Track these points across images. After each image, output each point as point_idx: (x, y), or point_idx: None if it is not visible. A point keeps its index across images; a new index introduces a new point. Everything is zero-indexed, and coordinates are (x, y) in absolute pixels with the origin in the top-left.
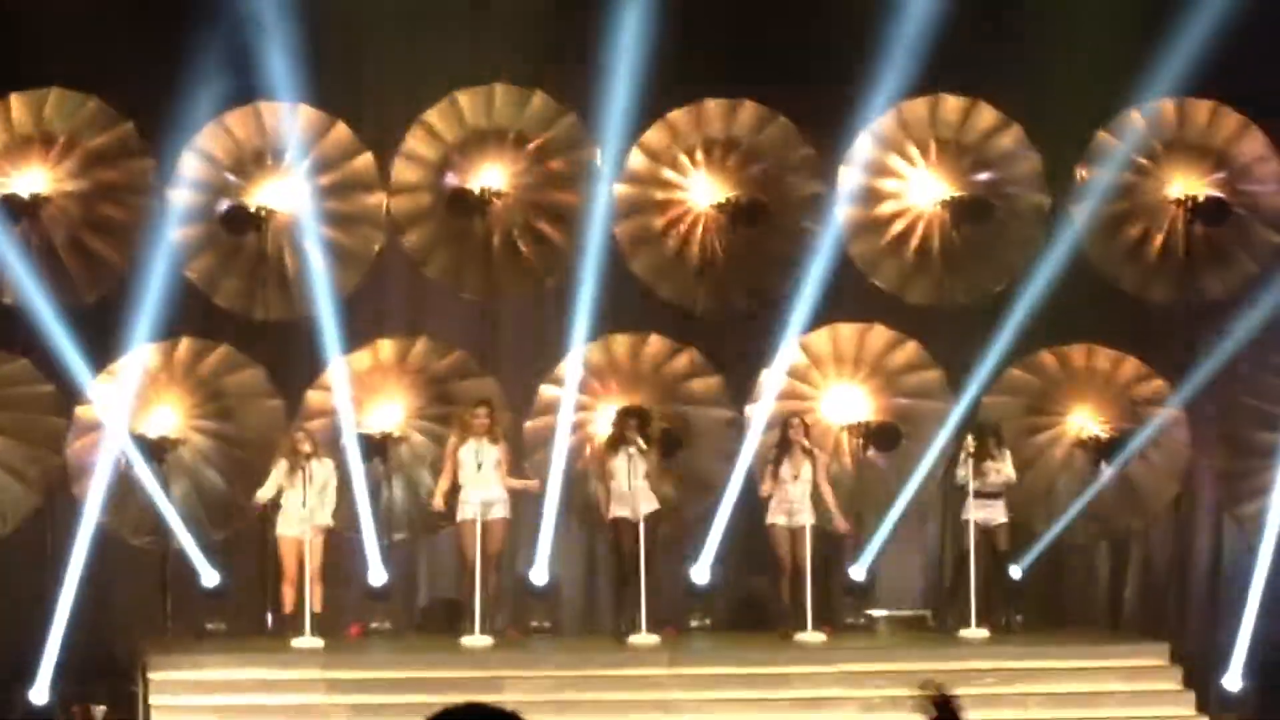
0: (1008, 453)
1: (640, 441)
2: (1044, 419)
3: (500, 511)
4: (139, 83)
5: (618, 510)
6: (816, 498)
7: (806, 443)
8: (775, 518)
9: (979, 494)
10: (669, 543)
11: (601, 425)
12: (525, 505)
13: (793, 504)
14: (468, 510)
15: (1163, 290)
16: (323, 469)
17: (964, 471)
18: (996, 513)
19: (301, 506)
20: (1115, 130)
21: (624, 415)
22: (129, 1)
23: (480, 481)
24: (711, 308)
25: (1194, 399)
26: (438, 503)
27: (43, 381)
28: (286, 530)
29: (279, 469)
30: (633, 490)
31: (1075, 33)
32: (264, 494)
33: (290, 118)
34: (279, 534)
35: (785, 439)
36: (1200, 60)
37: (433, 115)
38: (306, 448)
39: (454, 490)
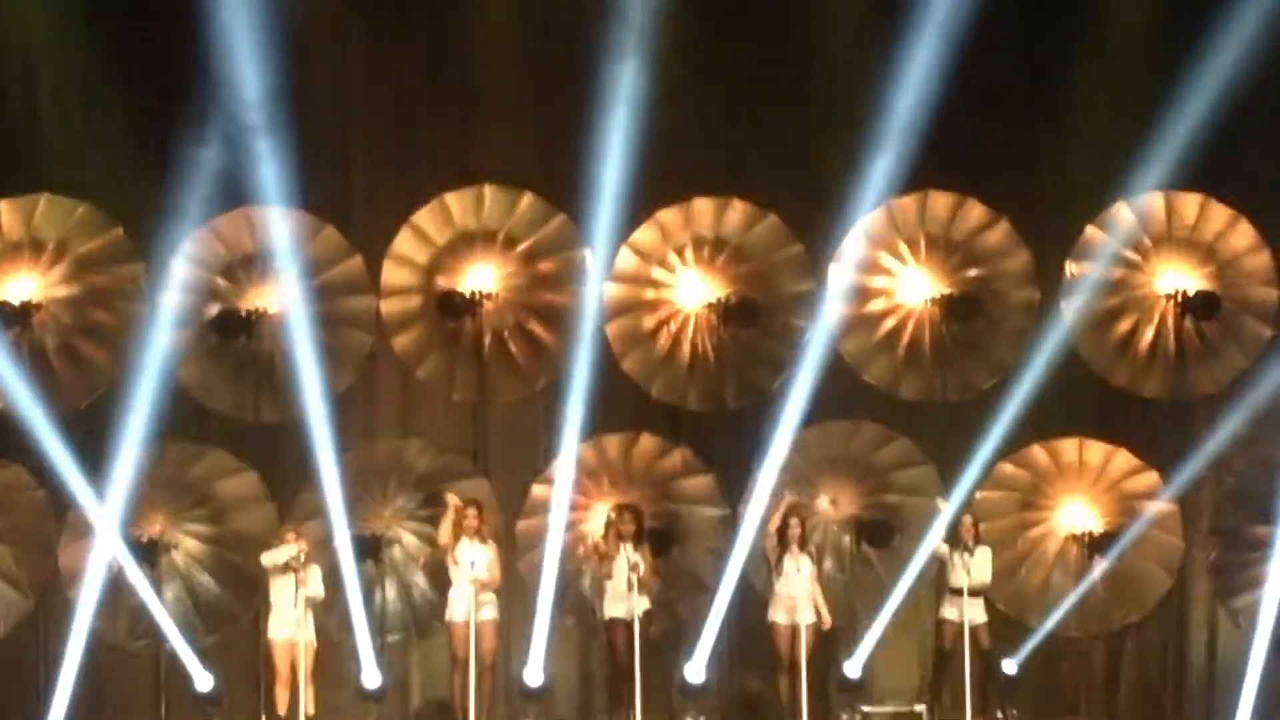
0: (985, 551)
1: (634, 539)
2: (1036, 514)
3: (489, 614)
4: (128, 188)
5: (612, 610)
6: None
7: (811, 545)
8: (776, 615)
9: (956, 592)
10: (663, 641)
11: (594, 524)
12: (518, 605)
13: (794, 600)
14: (458, 611)
15: (1154, 384)
16: (311, 573)
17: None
18: (975, 612)
19: (293, 607)
20: (1104, 224)
21: (619, 512)
22: (119, 108)
23: (469, 582)
24: (703, 406)
25: (1186, 492)
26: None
27: (34, 487)
28: (278, 633)
29: (275, 572)
30: (630, 589)
31: (1063, 128)
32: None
33: (279, 222)
34: (270, 637)
35: (784, 537)
36: (1189, 154)
37: (422, 217)
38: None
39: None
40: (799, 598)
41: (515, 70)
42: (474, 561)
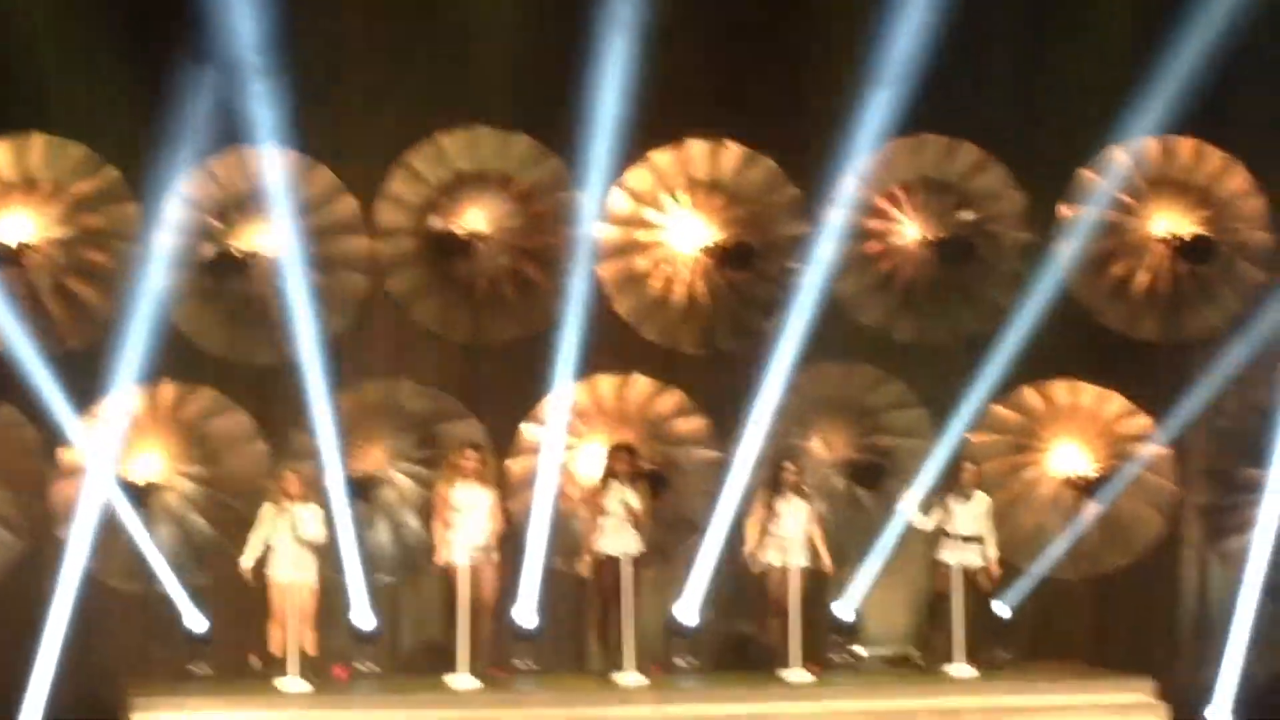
0: (982, 497)
1: (632, 477)
2: (1028, 456)
3: (490, 557)
4: (124, 129)
5: (606, 548)
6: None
7: (806, 486)
8: (768, 557)
9: (952, 536)
10: (654, 583)
11: (586, 465)
12: (510, 547)
13: (788, 543)
14: (457, 554)
15: (1147, 327)
16: (309, 513)
17: (938, 513)
18: (971, 557)
19: (289, 548)
20: (1099, 168)
21: (616, 451)
22: (114, 48)
23: (469, 525)
24: (696, 348)
25: (1179, 435)
26: (439, 556)
27: (26, 425)
28: (277, 574)
29: (266, 517)
30: (624, 528)
31: (1058, 71)
32: (247, 559)
33: (274, 163)
34: (270, 577)
35: (778, 481)
36: (1184, 98)
37: (416, 158)
38: (293, 490)
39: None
40: (792, 540)
41: (509, 11)
42: (472, 507)
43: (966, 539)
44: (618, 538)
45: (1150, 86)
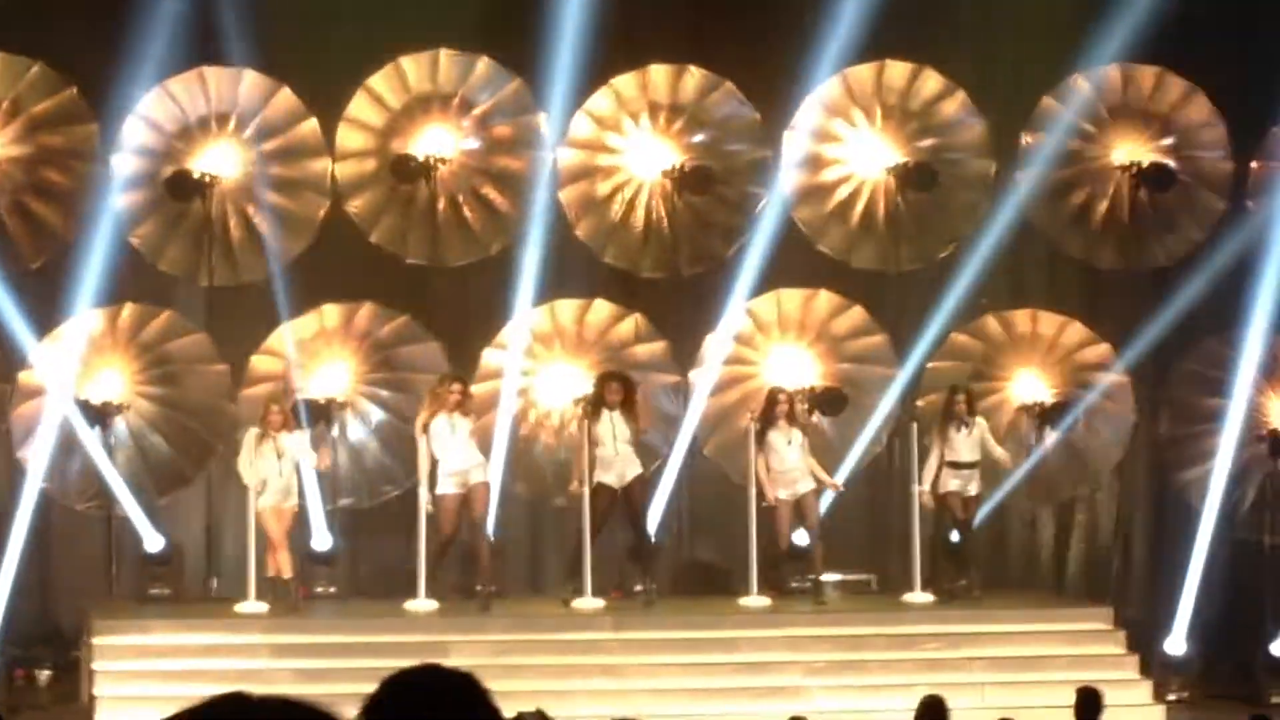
0: (982, 423)
1: (623, 407)
2: (988, 384)
3: (480, 475)
4: (83, 47)
5: (602, 476)
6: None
7: (800, 414)
8: (777, 491)
9: (955, 465)
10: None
11: (545, 391)
12: None
13: (791, 474)
14: (448, 484)
15: (1108, 256)
16: (295, 440)
17: (937, 445)
18: (974, 484)
19: (278, 477)
20: (1060, 96)
21: (605, 379)
22: None
23: (457, 452)
24: (656, 273)
25: (1138, 364)
26: (424, 495)
27: None
28: (264, 501)
29: (248, 443)
30: (619, 455)
31: None
32: (252, 480)
33: (235, 83)
34: (265, 504)
35: (771, 414)
36: (1146, 26)
37: (377, 80)
38: (276, 423)
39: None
40: (796, 470)
41: None
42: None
43: (969, 465)
44: (613, 466)
45: (1112, 14)
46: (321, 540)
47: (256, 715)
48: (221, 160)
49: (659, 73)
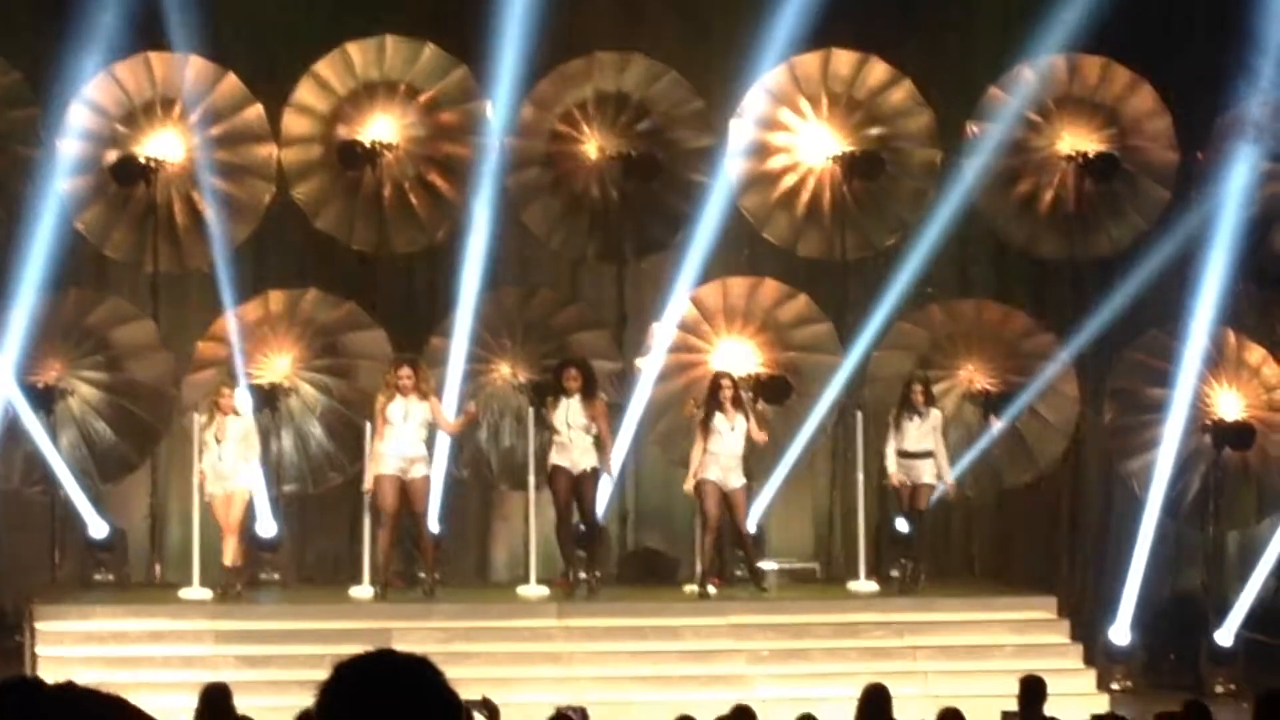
0: (937, 414)
1: (582, 393)
2: (933, 373)
3: (422, 470)
4: (27, 32)
5: (558, 459)
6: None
7: (746, 401)
8: (708, 473)
9: (905, 455)
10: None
11: (494, 376)
12: None
13: (726, 459)
14: (388, 465)
15: (1053, 245)
16: (239, 425)
17: (891, 434)
18: (923, 473)
19: (219, 462)
20: (1006, 86)
21: (563, 366)
22: None
23: (403, 438)
24: (602, 259)
25: (1083, 353)
26: (368, 479)
27: None
28: (212, 487)
29: (197, 432)
30: (573, 442)
31: None
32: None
33: (181, 68)
34: (209, 492)
35: (716, 399)
36: (1092, 17)
37: (323, 66)
38: (225, 404)
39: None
40: (732, 457)
41: None
42: (407, 420)
43: (917, 455)
44: (567, 452)
45: (1059, 4)
46: (266, 527)
47: (44, 702)
48: (167, 145)
49: (604, 60)
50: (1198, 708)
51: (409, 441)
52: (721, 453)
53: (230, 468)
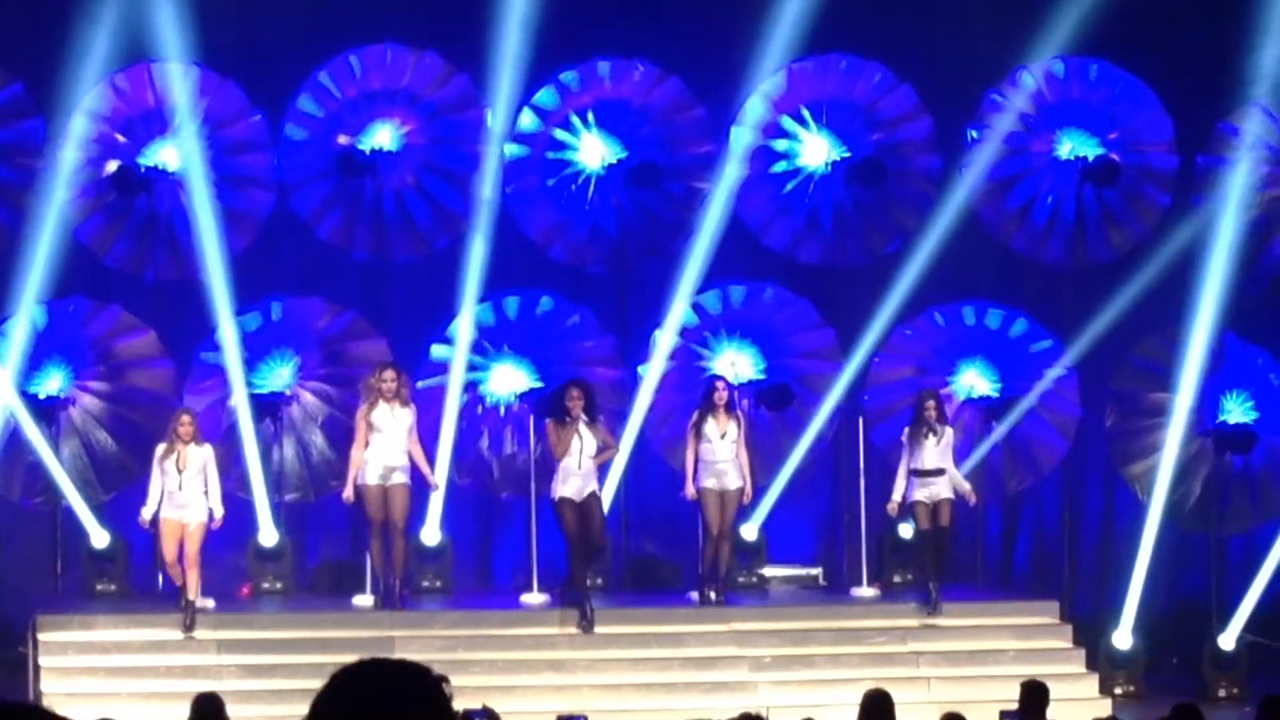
0: (950, 432)
1: (586, 414)
2: (933, 378)
3: (400, 478)
4: (28, 43)
5: (564, 491)
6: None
7: (741, 407)
8: (705, 481)
9: (922, 473)
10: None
11: (495, 384)
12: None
13: (719, 465)
14: (372, 473)
15: (1053, 250)
16: (199, 453)
17: (904, 454)
18: (940, 489)
19: (179, 490)
20: (1007, 91)
21: (568, 388)
22: None
23: (386, 446)
24: (603, 267)
25: (1084, 359)
26: (349, 489)
27: None
28: (167, 513)
29: (156, 460)
30: (583, 470)
31: None
32: (147, 511)
33: (181, 78)
34: (162, 516)
35: (711, 403)
36: (1092, 21)
37: (324, 75)
38: (186, 434)
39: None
40: (724, 463)
41: None
42: (390, 428)
43: (934, 472)
44: (575, 478)
45: (1059, 8)
46: (267, 536)
47: None
48: (167, 155)
49: (605, 67)
50: (1188, 710)
51: (393, 449)
52: (712, 459)
53: (188, 497)
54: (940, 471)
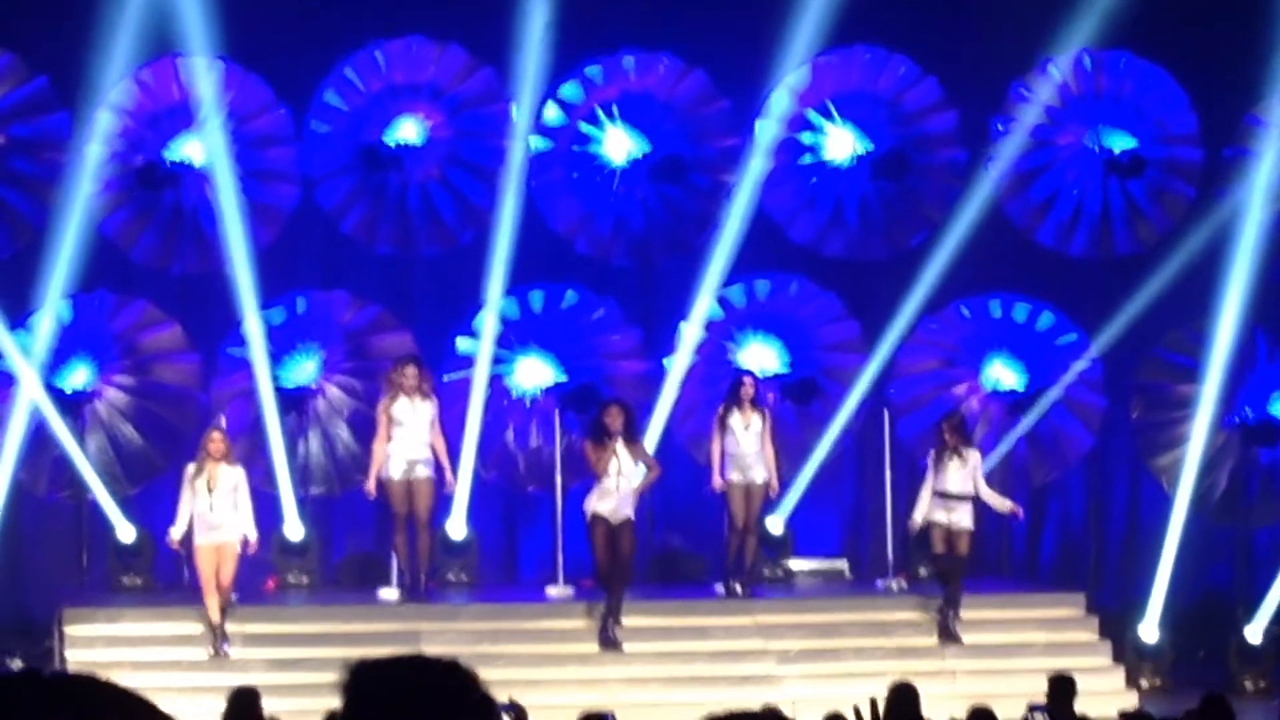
0: (975, 455)
1: (624, 434)
2: (959, 371)
3: (424, 471)
4: (53, 37)
5: (599, 507)
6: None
7: (766, 401)
8: (731, 474)
9: (941, 495)
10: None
11: (520, 377)
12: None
13: (745, 459)
14: (396, 467)
15: (1079, 243)
16: (231, 474)
17: (930, 475)
18: (961, 516)
19: (210, 511)
20: (1031, 83)
21: (604, 406)
22: None
23: (411, 439)
24: (629, 260)
25: (1110, 351)
26: (371, 483)
27: None
28: (200, 539)
29: (187, 480)
30: (620, 492)
31: None
32: (176, 531)
33: (206, 72)
34: (196, 544)
35: (737, 396)
36: (1117, 13)
37: (349, 69)
38: (217, 452)
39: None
40: (749, 456)
41: None
42: (413, 422)
43: (958, 497)
44: (611, 499)
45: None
46: (293, 529)
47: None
48: (192, 149)
49: (630, 60)
50: (1217, 701)
51: (416, 442)
52: (737, 453)
53: (220, 517)
54: (964, 498)
